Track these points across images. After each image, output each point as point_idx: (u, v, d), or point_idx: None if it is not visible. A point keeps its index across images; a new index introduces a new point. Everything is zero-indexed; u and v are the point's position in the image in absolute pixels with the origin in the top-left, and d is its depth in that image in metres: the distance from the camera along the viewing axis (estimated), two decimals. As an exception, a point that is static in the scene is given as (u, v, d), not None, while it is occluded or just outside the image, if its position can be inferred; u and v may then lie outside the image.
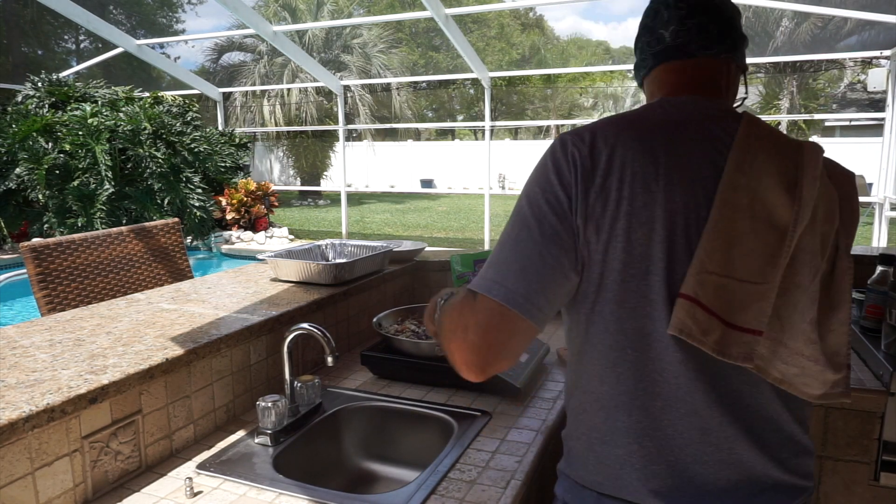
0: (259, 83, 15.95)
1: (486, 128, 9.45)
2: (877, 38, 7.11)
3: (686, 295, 0.83)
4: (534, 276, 0.86)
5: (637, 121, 0.93)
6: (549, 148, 0.92)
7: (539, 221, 0.88)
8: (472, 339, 0.87)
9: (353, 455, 1.48)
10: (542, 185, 0.90)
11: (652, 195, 0.85)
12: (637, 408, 0.88)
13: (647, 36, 1.04)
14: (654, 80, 1.03)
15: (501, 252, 0.89)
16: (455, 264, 2.12)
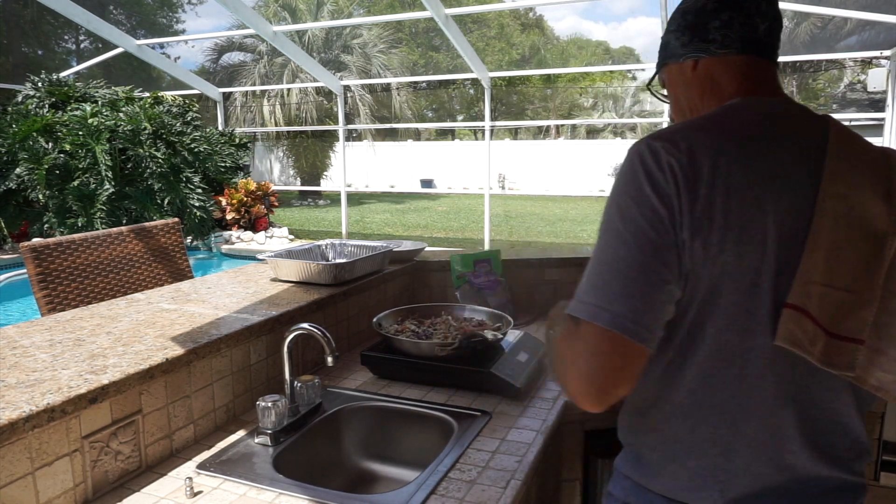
0: (259, 83, 15.95)
1: (486, 128, 9.45)
2: (877, 38, 7.11)
3: (793, 305, 0.82)
4: (638, 295, 0.82)
5: (729, 125, 0.89)
6: (635, 155, 0.86)
7: (636, 237, 0.83)
8: (584, 368, 0.84)
9: (353, 455, 1.48)
10: (635, 197, 0.84)
11: (759, 206, 0.83)
12: (727, 420, 0.88)
13: (737, 15, 0.95)
14: (731, 69, 0.96)
15: (599, 272, 0.85)
16: (455, 264, 2.12)
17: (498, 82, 21.08)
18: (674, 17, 1.03)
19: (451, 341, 1.55)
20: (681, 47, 1.00)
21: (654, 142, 0.85)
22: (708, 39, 0.97)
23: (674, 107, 1.07)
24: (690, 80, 1.00)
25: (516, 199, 19.63)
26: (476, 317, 1.81)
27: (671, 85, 1.06)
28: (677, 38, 1.01)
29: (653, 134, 0.88)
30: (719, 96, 0.97)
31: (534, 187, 19.14)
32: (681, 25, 1.00)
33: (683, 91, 1.03)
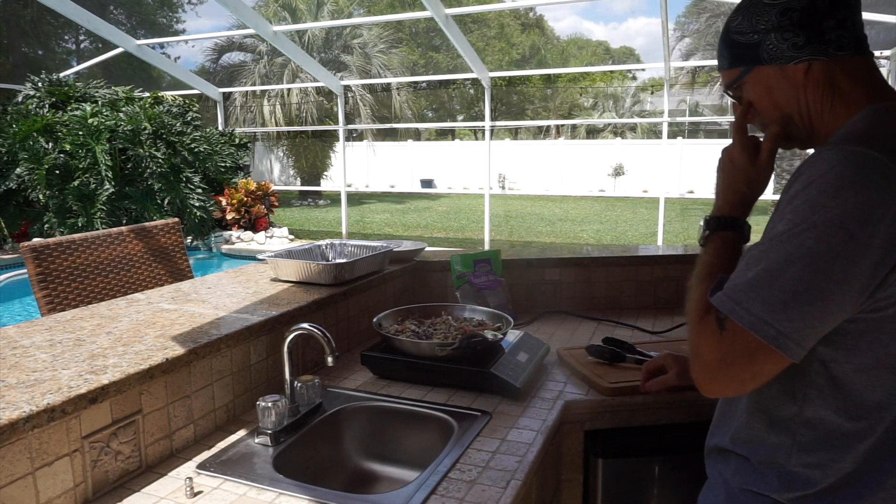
0: (259, 83, 15.95)
1: (486, 128, 9.46)
2: (877, 38, 7.11)
3: None
4: (819, 319, 0.79)
5: None
6: (848, 169, 0.79)
7: (837, 261, 0.77)
8: (727, 368, 0.84)
9: (353, 455, 1.48)
10: (841, 217, 0.77)
11: None
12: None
13: (848, 11, 0.91)
14: (851, 71, 0.93)
15: (776, 286, 0.79)
16: (455, 264, 2.12)
17: (498, 82, 21.10)
18: (757, 13, 0.96)
19: (451, 341, 1.54)
20: (792, 48, 0.93)
21: (886, 162, 0.79)
22: (825, 41, 0.92)
23: (770, 113, 1.00)
24: (802, 83, 0.94)
25: (516, 199, 19.64)
26: (476, 317, 1.81)
27: (767, 90, 0.98)
28: (784, 38, 0.93)
29: (869, 145, 0.81)
30: (847, 101, 0.93)
31: (534, 187, 19.15)
32: (784, 24, 0.93)
33: (790, 96, 0.96)
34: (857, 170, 0.79)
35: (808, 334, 0.80)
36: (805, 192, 0.81)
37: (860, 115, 0.91)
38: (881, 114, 0.89)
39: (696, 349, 0.88)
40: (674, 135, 19.15)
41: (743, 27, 0.98)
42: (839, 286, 0.78)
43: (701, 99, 22.04)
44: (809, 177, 0.82)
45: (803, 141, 1.01)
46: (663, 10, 7.12)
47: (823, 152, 0.83)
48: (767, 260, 0.81)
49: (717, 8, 13.73)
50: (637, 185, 18.27)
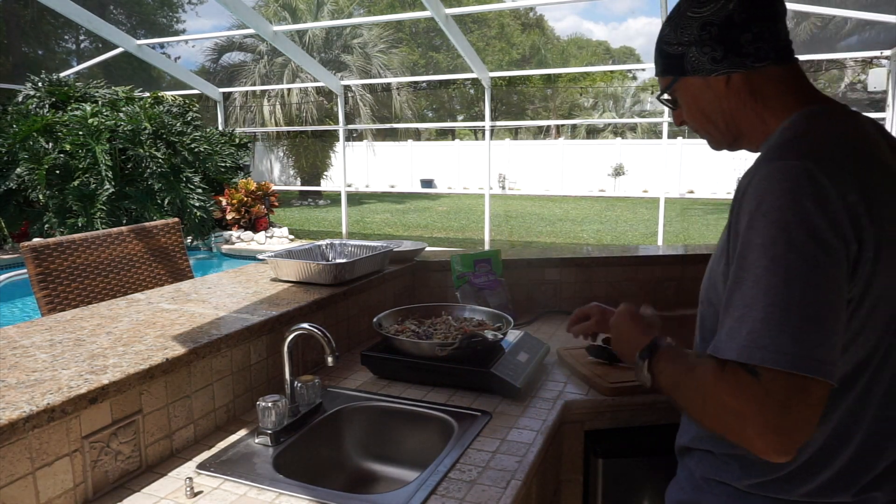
0: (259, 83, 15.95)
1: (486, 128, 9.45)
2: (877, 37, 7.11)
3: None
4: (838, 331, 0.80)
5: (872, 154, 0.89)
6: (795, 183, 0.81)
7: (818, 271, 0.79)
8: (774, 421, 0.78)
9: (353, 455, 1.48)
10: (809, 229, 0.79)
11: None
12: None
13: (766, 24, 0.94)
14: (773, 80, 0.96)
15: (789, 314, 0.78)
16: (455, 264, 2.12)
17: (498, 82, 21.09)
18: (682, 26, 1.00)
19: (452, 341, 1.54)
20: (710, 62, 0.98)
21: (815, 170, 0.81)
22: (742, 54, 0.95)
23: (698, 119, 1.06)
24: (723, 94, 0.99)
25: (516, 199, 19.64)
26: (476, 317, 1.81)
27: (693, 98, 1.04)
28: (703, 52, 0.98)
29: (805, 158, 0.83)
30: (773, 108, 0.97)
31: (534, 187, 19.15)
32: (704, 38, 0.97)
33: (714, 104, 1.01)
34: (801, 181, 0.81)
35: (836, 350, 0.80)
36: (761, 215, 0.82)
37: (789, 121, 0.94)
38: (808, 119, 0.93)
39: (740, 418, 0.81)
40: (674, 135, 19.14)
41: (670, 38, 1.03)
42: (837, 294, 0.80)
43: (701, 99, 21.98)
44: (758, 199, 0.83)
45: (730, 144, 1.06)
46: (663, 10, 7.12)
47: (762, 169, 0.85)
48: (766, 294, 0.80)
49: (717, 8, 13.74)
50: (637, 185, 18.27)
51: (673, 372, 0.98)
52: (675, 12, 1.02)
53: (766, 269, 0.80)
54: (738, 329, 0.81)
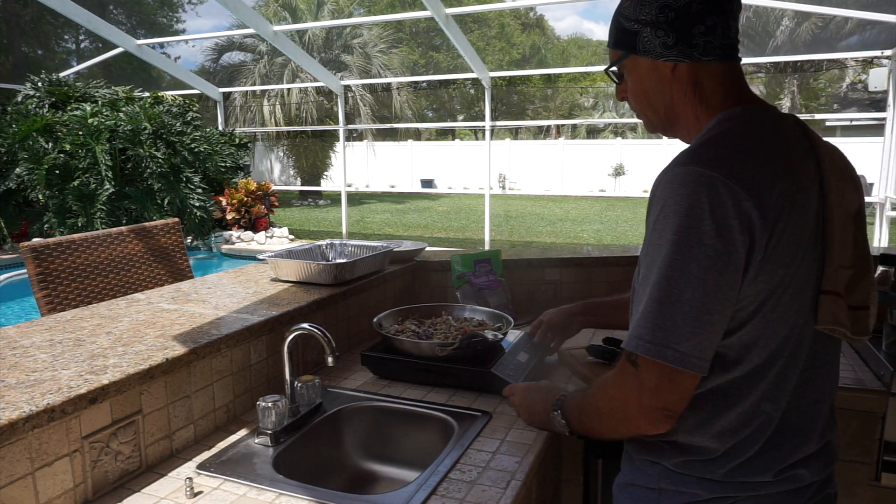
0: (259, 83, 15.95)
1: (487, 128, 9.45)
2: (878, 37, 7.11)
3: (830, 291, 0.93)
4: (709, 330, 0.87)
5: (775, 159, 0.91)
6: (700, 194, 0.85)
7: (701, 274, 0.85)
8: (648, 401, 0.91)
9: (353, 455, 1.48)
10: (699, 234, 0.85)
11: (804, 226, 0.90)
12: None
13: (719, 18, 0.96)
14: (715, 77, 0.99)
15: (663, 312, 0.87)
16: (455, 264, 2.12)
17: (498, 82, 21.07)
18: (643, 3, 0.99)
19: (452, 341, 1.54)
20: (661, 47, 0.99)
21: (716, 179, 0.85)
22: (692, 45, 0.97)
23: (639, 98, 1.07)
24: (667, 80, 1.01)
25: (516, 199, 19.63)
26: (476, 317, 1.81)
27: (639, 78, 1.05)
28: (656, 35, 0.98)
29: (707, 165, 0.87)
30: (707, 104, 1.00)
31: (534, 187, 19.14)
32: (660, 21, 0.97)
33: (657, 88, 1.03)
34: (700, 190, 0.85)
35: (706, 346, 0.87)
36: (662, 218, 0.88)
37: (714, 120, 0.98)
38: (723, 123, 0.96)
39: (624, 403, 0.95)
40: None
41: (628, 13, 1.02)
42: (717, 296, 0.86)
43: (701, 99, 21.99)
44: (662, 202, 0.89)
45: (665, 129, 1.09)
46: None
47: (669, 173, 0.90)
48: (651, 290, 0.88)
49: (717, 8, 13.75)
50: (637, 184, 18.25)
51: (577, 405, 1.13)
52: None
53: (658, 269, 0.88)
54: (634, 322, 0.92)
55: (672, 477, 0.99)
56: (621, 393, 0.95)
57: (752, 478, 0.95)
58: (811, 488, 0.98)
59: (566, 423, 1.17)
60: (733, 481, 0.95)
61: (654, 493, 1.01)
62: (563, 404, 1.18)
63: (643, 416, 0.92)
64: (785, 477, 0.95)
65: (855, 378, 1.61)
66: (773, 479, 0.95)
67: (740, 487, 0.95)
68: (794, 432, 0.96)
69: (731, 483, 0.95)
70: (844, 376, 1.61)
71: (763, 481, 0.95)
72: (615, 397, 0.97)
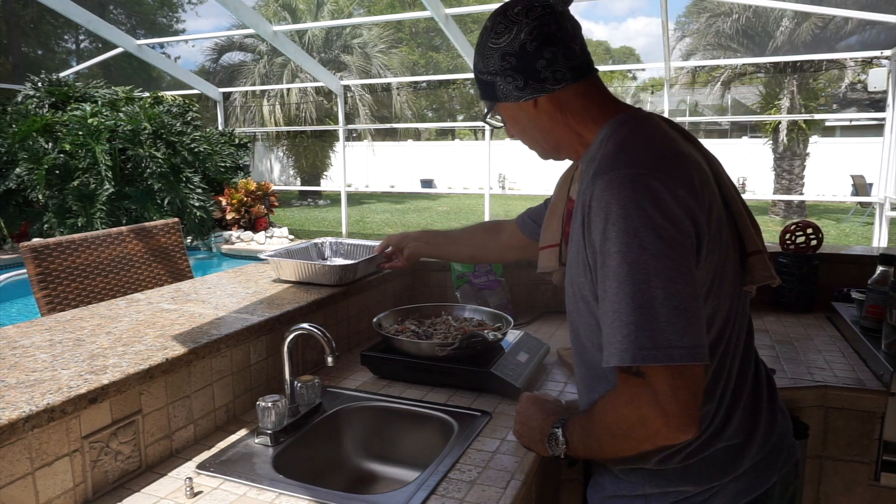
0: (259, 83, 15.94)
1: (487, 128, 9.45)
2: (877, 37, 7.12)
3: (756, 251, 1.04)
4: (699, 316, 0.88)
5: (680, 151, 0.97)
6: (631, 190, 0.88)
7: (671, 266, 0.87)
8: (671, 408, 0.87)
9: (353, 455, 1.48)
10: (655, 230, 0.87)
11: (719, 208, 0.98)
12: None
13: (556, 47, 1.01)
14: (576, 97, 1.04)
15: (651, 312, 0.86)
16: (455, 264, 2.12)
17: (498, 82, 21.01)
18: (487, 56, 1.05)
19: (451, 341, 1.54)
20: (515, 90, 1.04)
21: (652, 179, 0.89)
22: (540, 79, 1.02)
23: (521, 136, 1.14)
24: (534, 115, 1.07)
25: (516, 199, 19.61)
26: (476, 317, 1.81)
27: (513, 119, 1.12)
28: (507, 82, 1.04)
29: (632, 166, 0.91)
30: (585, 120, 1.05)
31: (534, 187, 19.10)
32: (505, 69, 1.03)
33: (530, 123, 1.09)
34: (637, 188, 0.88)
35: (702, 333, 0.88)
36: (611, 224, 0.89)
37: (605, 129, 1.02)
38: (619, 129, 1.00)
39: (644, 421, 0.90)
40: (674, 135, 19.06)
41: (480, 67, 1.09)
42: (692, 283, 0.88)
43: (701, 99, 22.02)
44: (604, 210, 0.90)
45: (554, 155, 1.15)
46: (663, 10, 7.11)
47: (599, 183, 0.91)
48: (632, 297, 0.86)
49: (717, 8, 13.73)
50: (637, 185, 18.23)
51: (582, 427, 1.06)
52: (480, 42, 1.08)
53: (626, 275, 0.87)
54: (614, 336, 0.88)
55: (655, 479, 1.00)
56: (636, 410, 0.90)
57: (733, 458, 0.98)
58: (780, 454, 1.04)
59: (566, 443, 1.09)
60: (710, 460, 0.98)
61: (640, 499, 1.01)
62: (566, 423, 1.11)
63: (670, 425, 0.87)
64: (747, 442, 1.00)
65: (854, 378, 1.61)
66: (742, 447, 0.99)
67: (718, 468, 0.98)
68: (731, 402, 1.00)
69: (708, 465, 0.98)
70: (844, 376, 1.62)
71: (734, 452, 0.98)
72: (629, 416, 0.92)
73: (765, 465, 1.01)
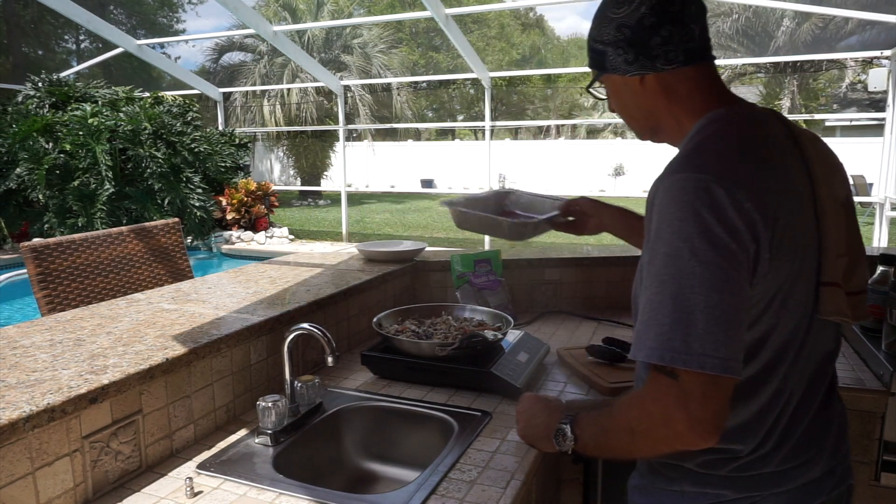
0: (259, 83, 15.94)
1: (487, 128, 9.46)
2: (877, 37, 7.12)
3: (829, 282, 0.95)
4: (739, 330, 0.86)
5: (761, 159, 0.93)
6: (693, 195, 0.86)
7: (720, 277, 0.84)
8: (697, 413, 0.85)
9: (353, 455, 1.48)
10: (710, 238, 0.84)
11: (802, 222, 0.94)
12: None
13: (675, 27, 0.97)
14: (684, 81, 1.00)
15: (692, 318, 0.84)
16: (455, 264, 2.12)
17: (498, 82, 21.07)
18: (604, 24, 1.03)
19: (451, 341, 1.54)
20: (624, 63, 1.02)
21: (716, 186, 0.86)
22: (652, 56, 1.00)
23: (621, 111, 1.12)
24: (639, 92, 1.04)
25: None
26: (476, 317, 1.81)
27: (616, 93, 1.09)
28: (618, 54, 1.02)
29: (701, 170, 0.88)
30: (687, 107, 1.02)
31: (534, 187, 19.09)
32: (619, 40, 1.01)
33: (633, 100, 1.07)
34: (700, 194, 0.86)
35: (740, 348, 0.86)
36: (667, 226, 0.88)
37: (699, 122, 1.00)
38: (709, 126, 0.97)
39: (667, 420, 0.88)
40: (674, 135, 19.10)
41: (594, 34, 1.07)
42: (738, 296, 0.86)
43: (701, 99, 22.01)
44: (663, 211, 0.89)
45: (651, 136, 1.13)
46: (663, 10, 7.10)
47: (665, 181, 0.91)
48: (673, 300, 0.85)
49: (717, 8, 13.75)
50: (637, 185, 18.25)
51: (596, 423, 1.05)
52: (599, 10, 1.06)
53: (671, 277, 0.86)
54: (646, 332, 0.87)
55: (695, 478, 0.98)
56: (662, 408, 0.88)
57: (759, 469, 0.96)
58: (832, 478, 1.00)
59: (574, 439, 1.08)
60: (757, 477, 0.95)
61: (676, 494, 1.00)
62: (575, 419, 1.09)
63: (693, 429, 0.86)
64: (783, 469, 0.96)
65: (854, 378, 1.61)
66: (774, 469, 0.96)
67: (764, 484, 0.96)
68: (794, 425, 0.97)
69: (755, 480, 0.95)
70: (844, 376, 1.62)
71: (784, 476, 0.95)
72: (654, 413, 0.90)
73: (813, 486, 0.99)
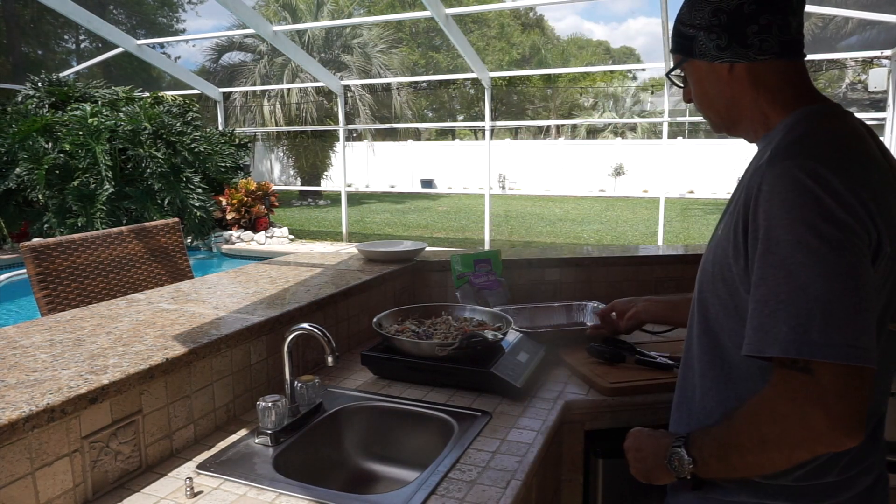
0: (259, 83, 15.94)
1: (487, 128, 9.46)
2: (877, 37, 7.12)
3: None
4: (873, 318, 0.82)
5: (869, 152, 0.91)
6: (813, 181, 0.82)
7: (852, 262, 0.80)
8: (838, 408, 0.79)
9: (353, 455, 1.48)
10: (837, 223, 0.81)
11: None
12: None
13: (774, 17, 0.94)
14: (774, 74, 0.97)
15: (828, 307, 0.79)
16: (455, 264, 2.12)
17: (498, 82, 21.08)
18: (697, 8, 1.00)
19: (452, 341, 1.54)
20: (715, 49, 0.99)
21: (832, 174, 0.83)
22: (746, 45, 0.96)
23: (701, 100, 1.08)
24: (726, 81, 1.01)
25: (516, 199, 19.63)
26: (476, 317, 1.81)
27: (699, 80, 1.05)
28: (710, 38, 0.99)
29: (816, 159, 0.85)
30: (776, 101, 0.98)
31: (534, 187, 19.14)
32: (713, 24, 0.98)
33: (717, 89, 1.03)
34: (818, 180, 0.83)
35: (874, 336, 0.81)
36: (784, 212, 0.83)
37: (794, 117, 0.96)
38: (810, 119, 0.94)
39: (806, 421, 0.81)
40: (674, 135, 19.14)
41: (685, 18, 1.03)
42: (870, 282, 0.82)
43: (701, 99, 22.00)
44: (775, 197, 0.85)
45: (729, 129, 1.08)
46: (663, 10, 7.12)
47: (775, 168, 0.86)
48: (805, 289, 0.80)
49: (717, 8, 13.75)
50: (637, 185, 18.27)
51: (713, 439, 0.95)
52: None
53: (801, 265, 0.81)
54: (775, 325, 0.82)
55: (754, 487, 0.94)
56: (797, 408, 0.81)
57: (821, 479, 0.92)
58: (881, 486, 0.99)
59: (692, 461, 0.96)
60: (819, 486, 0.92)
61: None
62: (688, 440, 0.98)
63: (835, 427, 0.79)
64: (860, 476, 0.95)
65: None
66: (836, 478, 0.93)
67: (822, 495, 0.92)
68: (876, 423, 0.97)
69: (815, 489, 0.92)
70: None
71: (842, 485, 0.93)
72: (788, 415, 0.82)
73: (866, 495, 0.97)
